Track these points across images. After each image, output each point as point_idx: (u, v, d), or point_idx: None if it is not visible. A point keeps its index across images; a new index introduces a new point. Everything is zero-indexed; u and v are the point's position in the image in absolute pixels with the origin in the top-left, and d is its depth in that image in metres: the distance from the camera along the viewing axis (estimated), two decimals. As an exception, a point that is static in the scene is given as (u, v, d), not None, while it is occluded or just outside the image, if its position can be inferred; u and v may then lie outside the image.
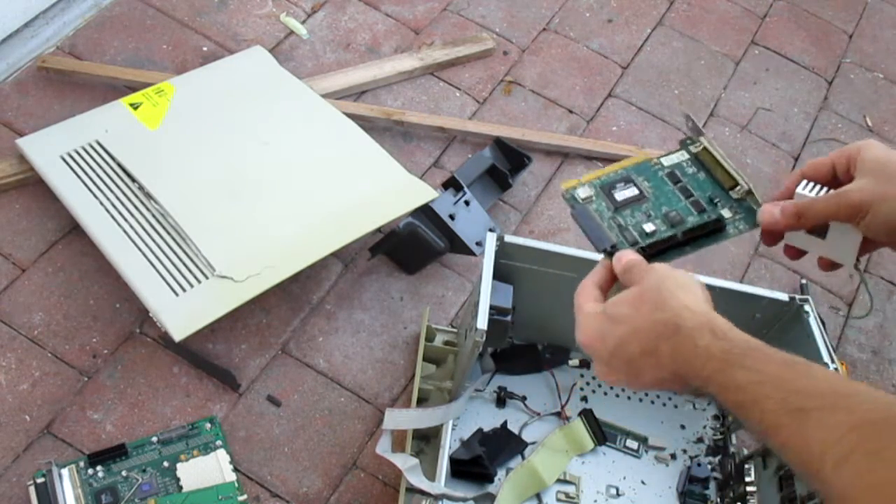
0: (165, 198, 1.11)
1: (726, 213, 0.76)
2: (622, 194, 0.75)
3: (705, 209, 0.76)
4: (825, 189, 0.70)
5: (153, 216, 1.11)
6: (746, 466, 1.07)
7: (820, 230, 0.70)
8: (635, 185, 0.76)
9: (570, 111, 1.48)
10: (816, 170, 0.71)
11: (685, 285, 0.63)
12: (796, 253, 0.73)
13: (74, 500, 0.93)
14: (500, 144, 1.31)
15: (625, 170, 0.77)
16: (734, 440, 1.13)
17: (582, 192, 0.76)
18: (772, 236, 0.72)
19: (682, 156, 0.79)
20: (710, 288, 1.03)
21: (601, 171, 0.77)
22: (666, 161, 0.78)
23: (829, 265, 0.72)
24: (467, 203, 1.20)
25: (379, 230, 1.21)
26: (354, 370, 1.12)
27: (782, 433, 0.52)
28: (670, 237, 0.74)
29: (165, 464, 0.99)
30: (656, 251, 0.73)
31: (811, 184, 0.70)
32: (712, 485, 1.09)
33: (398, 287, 1.21)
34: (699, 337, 0.59)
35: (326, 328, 1.15)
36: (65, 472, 0.95)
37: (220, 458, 1.00)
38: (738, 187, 0.77)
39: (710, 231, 0.75)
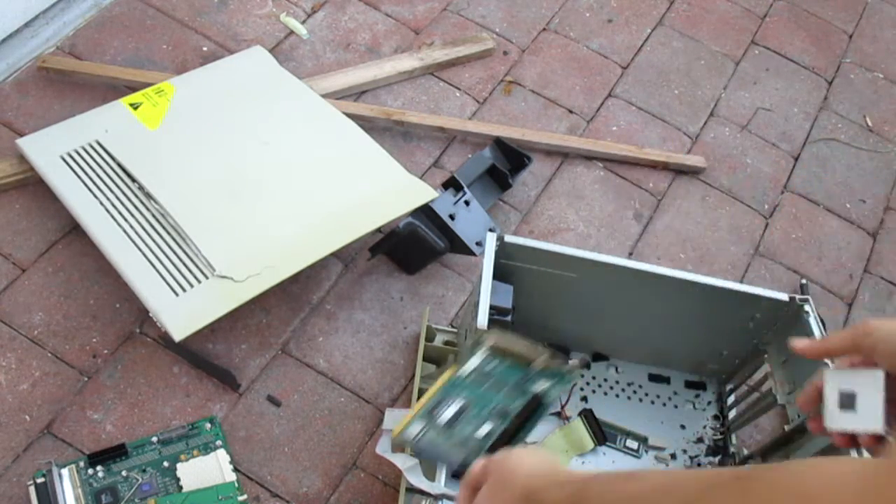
0: (165, 198, 1.12)
1: (540, 387, 0.82)
2: (448, 412, 0.81)
3: (523, 391, 0.82)
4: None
5: (153, 216, 1.11)
6: (746, 466, 1.07)
7: (849, 403, 0.68)
8: (455, 400, 0.82)
9: (570, 111, 1.48)
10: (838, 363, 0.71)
11: (522, 454, 0.67)
12: (846, 440, 0.70)
13: (74, 500, 0.94)
14: (500, 144, 1.31)
15: (440, 392, 0.82)
16: (734, 440, 1.13)
17: (413, 430, 0.80)
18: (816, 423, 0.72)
19: (479, 356, 0.85)
20: (710, 288, 1.03)
21: (423, 399, 0.82)
22: (469, 367, 0.84)
23: (873, 441, 0.69)
24: (467, 203, 1.20)
25: (379, 230, 1.21)
26: (354, 370, 1.12)
27: None
28: (504, 430, 0.80)
29: (165, 464, 0.99)
30: (498, 447, 0.76)
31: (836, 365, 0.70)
32: (712, 485, 1.09)
33: (398, 287, 1.21)
34: (547, 494, 0.62)
35: (326, 328, 1.15)
36: (65, 472, 0.95)
37: (220, 458, 1.00)
38: (536, 361, 0.83)
39: (533, 409, 0.82)
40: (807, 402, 0.73)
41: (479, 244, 1.18)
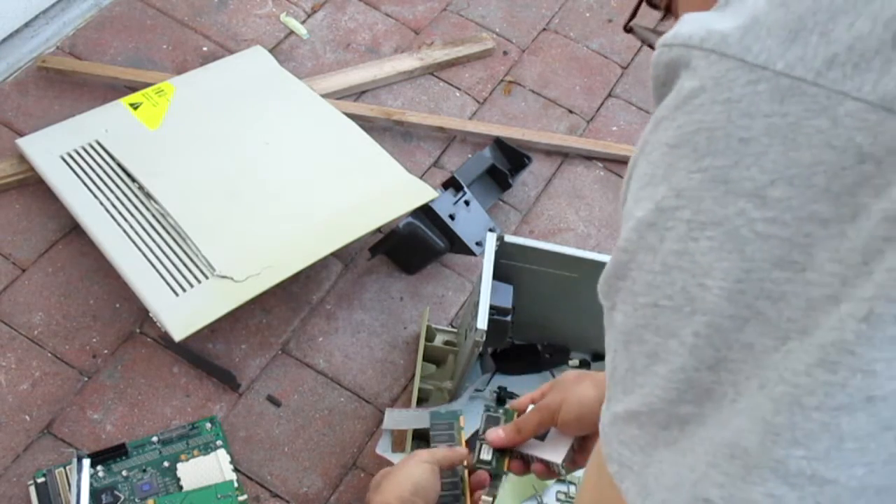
0: (165, 198, 1.12)
1: None
2: None
3: None
4: None
5: (153, 216, 1.11)
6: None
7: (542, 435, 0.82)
8: None
9: (570, 111, 1.48)
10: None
11: (397, 475, 0.79)
12: (521, 467, 0.84)
13: (89, 495, 0.93)
14: (500, 144, 1.31)
15: None
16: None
17: None
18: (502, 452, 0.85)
19: None
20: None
21: None
22: None
23: (545, 471, 0.82)
24: (467, 203, 1.20)
25: (379, 230, 1.21)
26: (354, 370, 1.12)
27: None
28: None
29: (166, 464, 0.99)
30: None
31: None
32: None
33: (398, 287, 1.21)
34: None
35: (326, 328, 1.15)
36: (85, 462, 0.94)
37: (221, 457, 1.00)
38: None
39: None
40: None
41: (479, 244, 1.18)
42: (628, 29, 0.65)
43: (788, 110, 0.34)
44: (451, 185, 1.20)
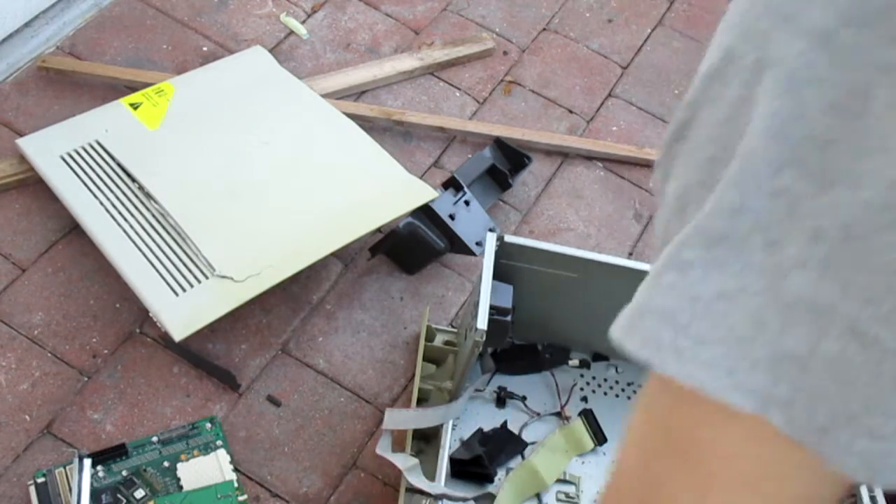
0: (165, 198, 1.12)
1: None
2: None
3: None
4: None
5: (153, 216, 1.11)
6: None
7: None
8: None
9: (570, 111, 1.48)
10: None
11: None
12: None
13: (89, 495, 0.93)
14: (500, 144, 1.31)
15: None
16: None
17: None
18: None
19: None
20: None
21: None
22: None
23: None
24: (467, 203, 1.20)
25: (379, 230, 1.21)
26: (354, 370, 1.12)
27: None
28: None
29: (166, 464, 0.99)
30: None
31: None
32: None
33: (398, 287, 1.21)
34: None
35: (326, 328, 1.15)
36: (87, 462, 0.94)
37: (221, 457, 1.00)
38: None
39: None
40: None
41: (479, 244, 1.18)
42: None
43: None
44: (451, 185, 1.21)
